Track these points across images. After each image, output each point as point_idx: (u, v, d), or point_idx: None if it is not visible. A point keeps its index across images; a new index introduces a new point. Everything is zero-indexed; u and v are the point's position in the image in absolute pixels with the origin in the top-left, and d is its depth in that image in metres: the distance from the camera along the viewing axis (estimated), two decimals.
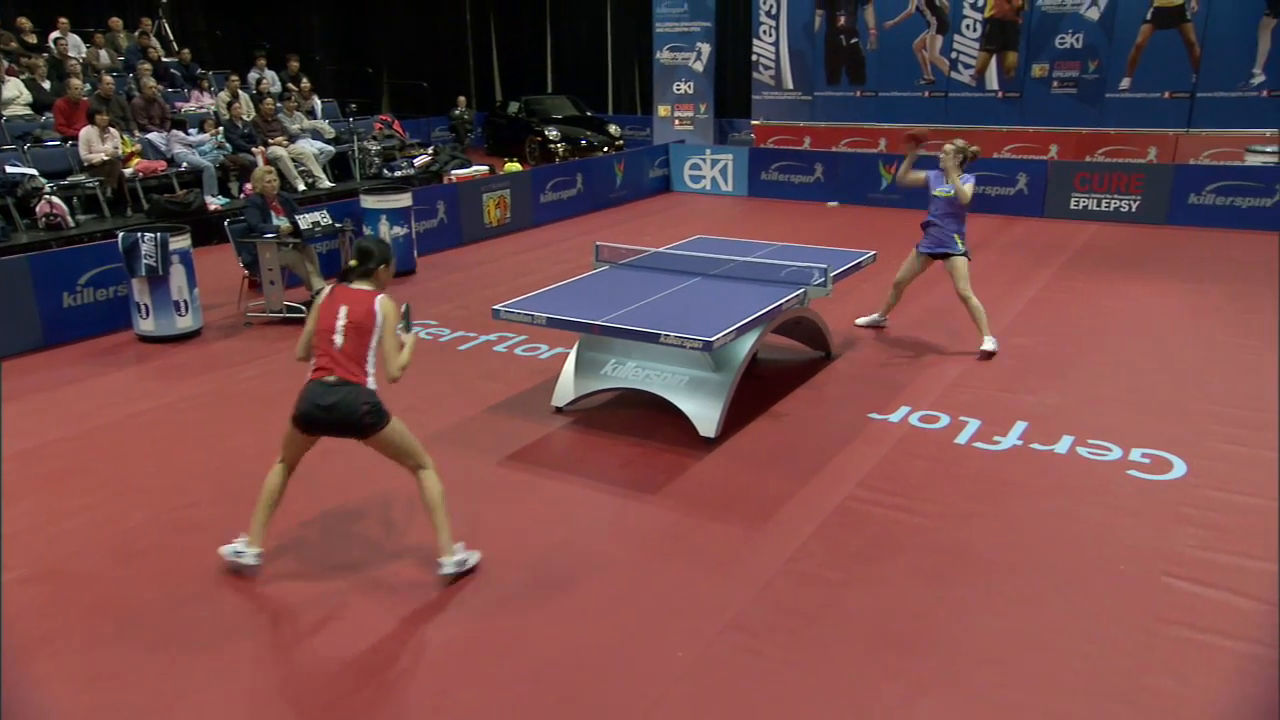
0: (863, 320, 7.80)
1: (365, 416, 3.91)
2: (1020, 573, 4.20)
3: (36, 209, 10.18)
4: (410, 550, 4.41)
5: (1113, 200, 12.26)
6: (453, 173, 13.84)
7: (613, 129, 18.73)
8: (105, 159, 10.86)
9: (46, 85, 12.31)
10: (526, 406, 6.21)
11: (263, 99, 13.44)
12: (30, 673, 3.62)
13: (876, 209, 13.50)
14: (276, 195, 8.38)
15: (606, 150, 17.28)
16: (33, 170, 10.43)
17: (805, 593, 4.06)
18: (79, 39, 13.64)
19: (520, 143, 18.45)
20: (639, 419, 5.93)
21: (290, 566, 4.31)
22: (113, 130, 11.13)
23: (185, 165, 11.84)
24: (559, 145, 17.66)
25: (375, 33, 22.31)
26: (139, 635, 3.82)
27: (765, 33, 16.88)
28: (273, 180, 8.37)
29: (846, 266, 6.75)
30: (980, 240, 7.20)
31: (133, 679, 3.56)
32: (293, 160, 12.76)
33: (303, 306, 8.03)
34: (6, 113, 11.72)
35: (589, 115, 19.70)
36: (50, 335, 7.55)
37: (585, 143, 17.82)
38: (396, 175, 13.86)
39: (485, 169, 14.11)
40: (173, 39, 15.88)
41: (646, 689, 3.48)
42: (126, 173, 11.15)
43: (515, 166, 14.71)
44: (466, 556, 4.16)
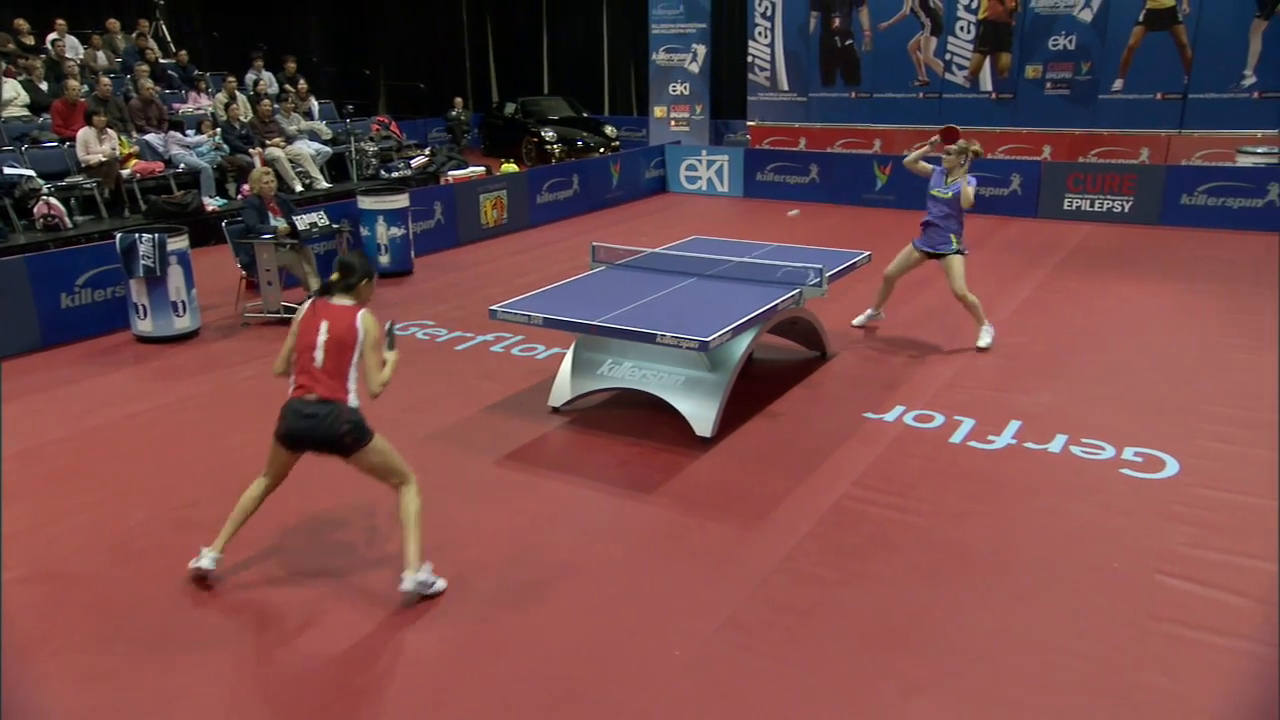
0: (858, 320, 7.80)
1: (346, 436, 3.86)
2: (1014, 571, 4.22)
3: (34, 210, 10.17)
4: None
5: (1106, 201, 12.30)
6: (450, 174, 13.84)
7: (609, 130, 18.74)
8: (103, 160, 10.85)
9: (44, 86, 12.28)
10: (523, 406, 6.22)
11: (260, 100, 13.43)
12: (30, 672, 3.62)
13: (871, 209, 13.53)
14: (274, 196, 8.36)
15: (603, 151, 17.29)
16: (30, 171, 10.42)
17: (801, 591, 4.07)
18: (76, 40, 13.62)
19: (517, 144, 18.44)
20: (635, 419, 5.94)
21: (289, 567, 4.32)
22: (110, 131, 11.11)
23: (183, 166, 11.83)
24: (555, 146, 17.66)
25: (372, 34, 22.31)
26: (138, 634, 3.82)
27: (760, 34, 16.90)
28: (270, 181, 8.37)
29: (841, 267, 6.77)
30: (974, 240, 7.23)
31: (132, 678, 3.57)
32: (290, 161, 12.75)
33: (300, 307, 8.03)
34: (4, 114, 11.69)
35: (585, 116, 19.70)
36: (48, 336, 7.55)
37: (581, 144, 17.83)
38: (393, 176, 13.85)
39: (482, 170, 14.12)
40: (170, 40, 15.86)
41: (643, 687, 3.49)
42: (124, 174, 11.14)
43: (512, 167, 14.71)
44: (434, 580, 4.01)
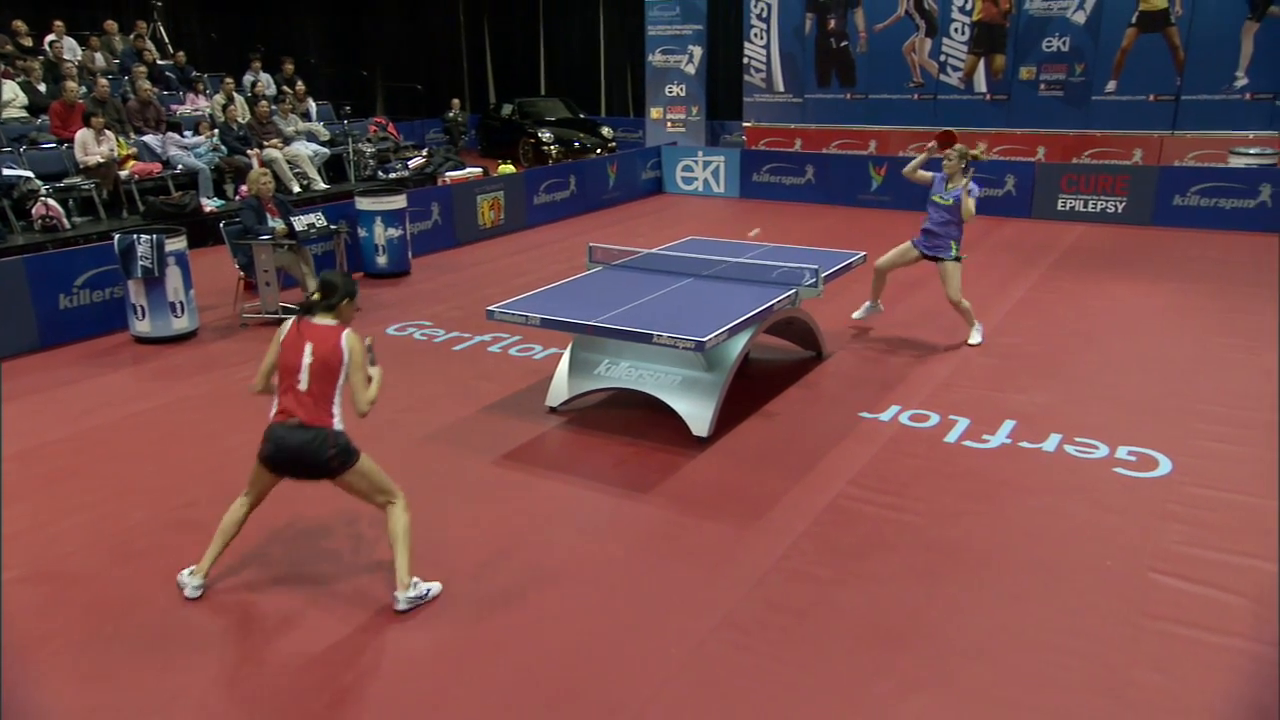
0: (858, 313, 7.78)
1: (332, 460, 3.81)
2: (1009, 569, 4.24)
3: (32, 211, 10.18)
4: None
5: (1099, 201, 12.35)
6: (447, 175, 13.84)
7: (606, 131, 18.77)
8: (101, 161, 10.86)
9: (42, 88, 12.30)
10: (521, 406, 6.24)
11: (258, 101, 13.44)
12: (29, 671, 3.62)
13: (866, 210, 13.56)
14: (272, 197, 8.38)
15: (599, 152, 17.31)
16: (29, 172, 10.43)
17: (797, 590, 4.09)
18: (74, 42, 13.63)
19: (514, 145, 18.48)
20: (632, 418, 5.96)
21: (287, 568, 4.34)
22: (108, 133, 11.12)
23: (181, 167, 11.84)
24: (552, 147, 17.69)
25: (369, 35, 22.33)
26: (137, 634, 3.83)
27: (756, 36, 16.94)
28: (268, 182, 8.38)
29: (837, 267, 6.79)
30: (970, 241, 7.25)
31: (131, 678, 3.57)
32: (288, 162, 12.77)
33: (298, 308, 8.03)
34: (2, 115, 11.70)
35: (582, 117, 19.72)
36: (47, 337, 7.56)
37: (578, 145, 17.85)
38: (391, 177, 13.87)
39: (479, 171, 14.12)
40: (168, 42, 15.88)
41: (640, 686, 3.50)
42: (122, 175, 11.15)
43: (509, 168, 14.72)
44: (426, 589, 4.01)
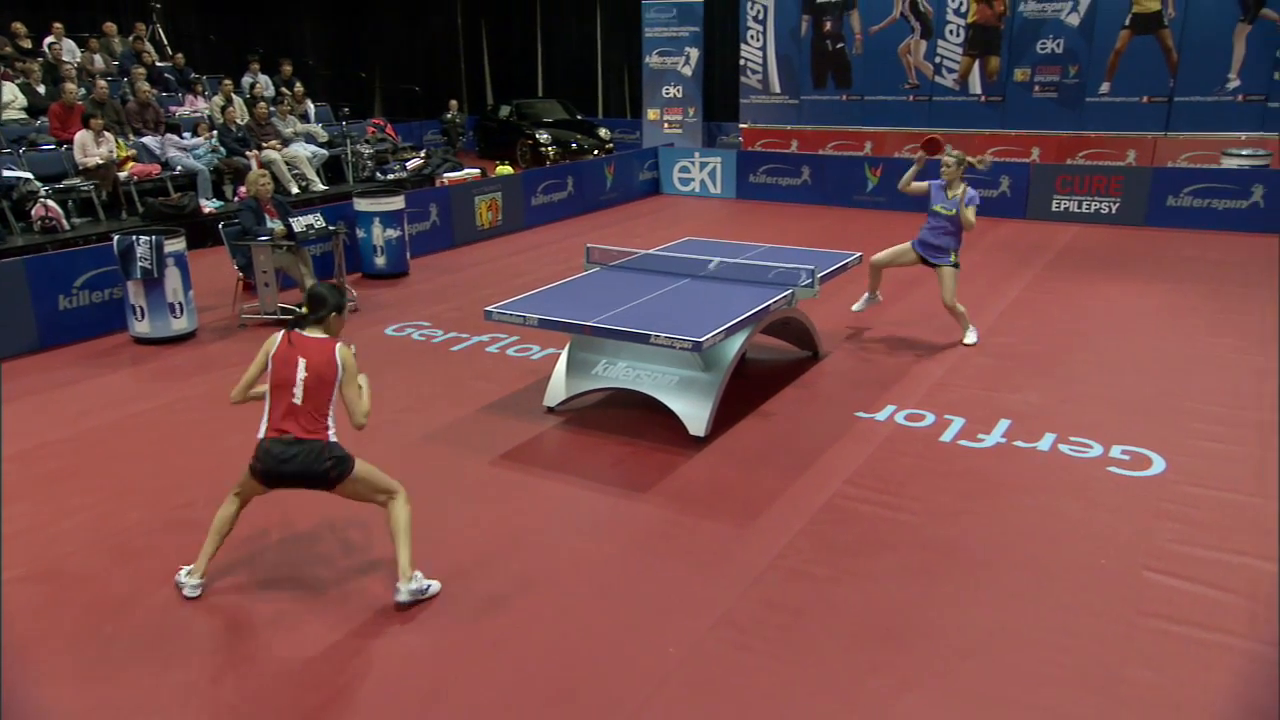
0: (857, 305, 7.80)
1: (330, 471, 3.83)
2: (1003, 568, 4.26)
3: (32, 212, 10.21)
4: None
5: (1093, 202, 12.39)
6: (445, 175, 13.86)
7: (603, 132, 18.77)
8: (100, 163, 10.88)
9: (41, 90, 12.32)
10: (518, 406, 6.26)
11: (256, 103, 13.46)
12: (29, 671, 3.63)
13: (862, 211, 13.59)
14: (270, 198, 8.40)
15: (597, 153, 17.32)
16: (28, 174, 10.45)
17: (794, 589, 4.11)
18: (74, 44, 13.64)
19: (511, 146, 18.50)
20: (630, 418, 5.98)
21: (286, 568, 4.35)
22: (107, 134, 11.15)
23: (180, 169, 11.86)
24: (550, 148, 17.71)
25: (367, 37, 22.34)
26: (137, 634, 3.83)
27: (753, 38, 16.97)
28: (266, 183, 8.40)
29: (833, 268, 6.82)
30: (965, 242, 7.26)
31: (131, 677, 3.58)
32: (286, 164, 12.80)
33: (296, 309, 8.04)
34: (2, 117, 11.73)
35: (579, 119, 19.73)
36: (46, 337, 7.57)
37: (576, 146, 17.87)
38: (389, 178, 13.91)
39: (477, 172, 14.12)
40: (167, 44, 15.90)
41: (638, 685, 3.52)
42: (121, 176, 11.17)
43: (506, 169, 14.76)
44: (427, 585, 4.03)
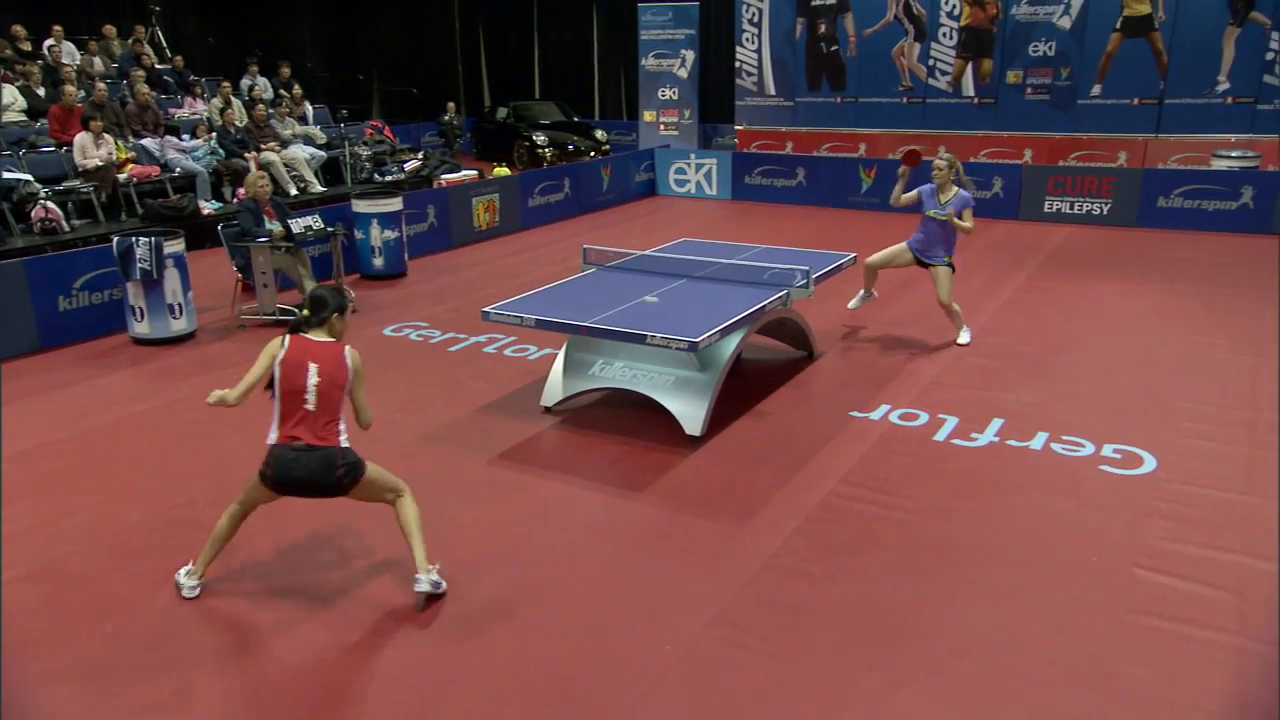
0: (853, 303, 7.83)
1: (344, 479, 3.81)
2: (996, 566, 4.29)
3: (32, 214, 10.22)
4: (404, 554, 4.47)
5: (1085, 203, 12.45)
6: (442, 177, 13.88)
7: (599, 134, 18.83)
8: (100, 164, 10.89)
9: (41, 92, 12.35)
10: (516, 406, 6.28)
11: (255, 105, 13.47)
12: (29, 671, 3.64)
13: (857, 212, 13.63)
14: (269, 200, 8.42)
15: (593, 155, 17.36)
16: (28, 176, 10.47)
17: (789, 587, 4.13)
18: (73, 46, 13.67)
19: (509, 148, 18.55)
20: (626, 418, 6.00)
21: (285, 568, 4.36)
22: (107, 136, 11.17)
23: (179, 170, 11.89)
24: (547, 150, 17.75)
25: (366, 40, 22.36)
26: (137, 634, 3.84)
27: (748, 40, 17.01)
28: (265, 185, 8.42)
29: (828, 269, 6.86)
30: (959, 243, 7.32)
31: (130, 677, 3.59)
32: (285, 165, 12.82)
33: (295, 309, 8.08)
34: (2, 119, 11.75)
35: (576, 120, 19.77)
36: (46, 338, 7.59)
37: (572, 147, 17.91)
38: (387, 180, 13.93)
39: (474, 173, 14.15)
40: (166, 46, 15.92)
41: (635, 682, 3.54)
42: (121, 178, 11.19)
43: (504, 171, 14.77)
44: (442, 581, 4.05)
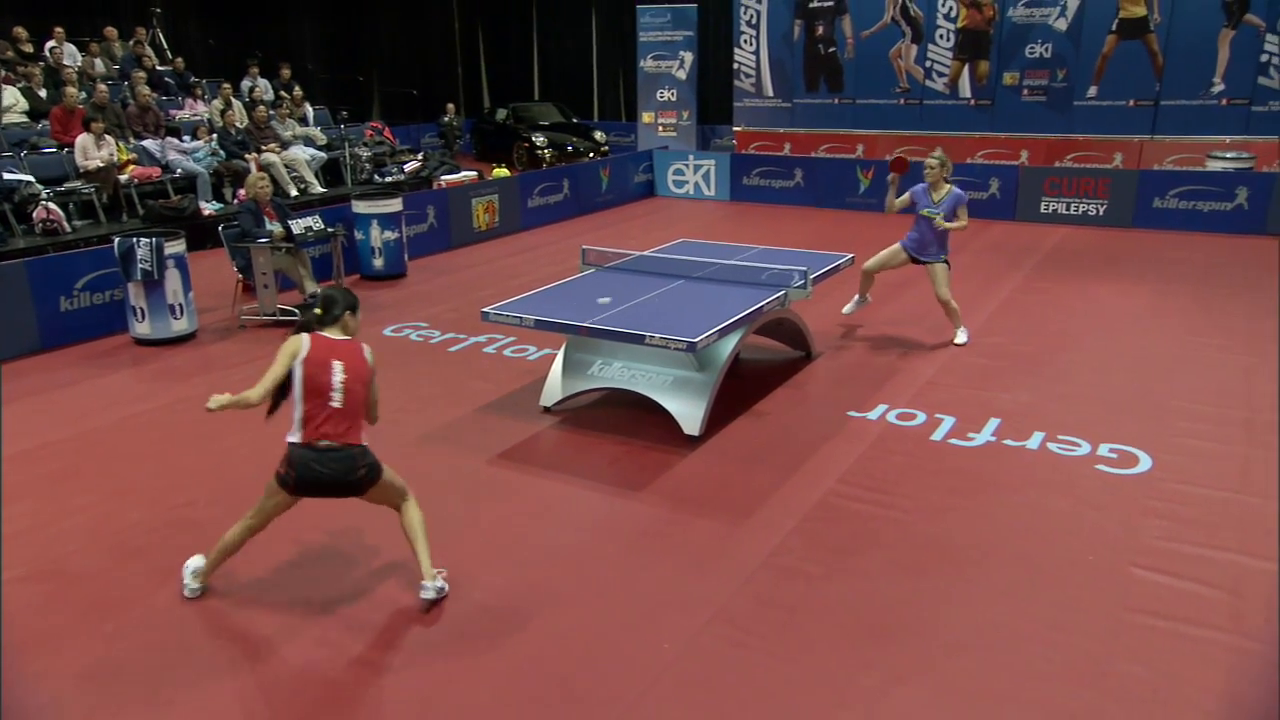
0: (847, 308, 7.88)
1: (363, 480, 3.83)
2: (993, 564, 4.31)
3: (33, 215, 10.23)
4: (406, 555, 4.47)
5: (1081, 204, 12.49)
6: (442, 178, 13.91)
7: (598, 135, 18.86)
8: (101, 166, 10.91)
9: (43, 93, 12.37)
10: (515, 406, 6.29)
11: (255, 106, 13.49)
12: (29, 670, 3.65)
13: (855, 213, 13.65)
14: (270, 201, 8.44)
15: (592, 156, 17.40)
16: (29, 177, 10.49)
17: (787, 586, 4.15)
18: (74, 48, 13.68)
19: (508, 149, 18.58)
20: (625, 418, 6.02)
21: (286, 568, 4.38)
22: (108, 137, 11.18)
23: (180, 171, 11.90)
24: (546, 151, 17.78)
25: (366, 41, 22.37)
26: (137, 633, 3.85)
27: (746, 42, 17.05)
28: (266, 186, 8.44)
29: (826, 269, 6.87)
30: (955, 244, 7.35)
31: (130, 676, 3.59)
32: (285, 166, 12.84)
33: (295, 310, 8.13)
34: (3, 120, 11.76)
35: (575, 122, 19.81)
36: (47, 339, 7.61)
37: (571, 149, 17.94)
38: (387, 181, 13.96)
39: (474, 174, 14.17)
40: (167, 48, 15.93)
41: (634, 681, 3.55)
42: (122, 179, 11.21)
43: (503, 172, 14.80)
44: (444, 585, 4.05)
